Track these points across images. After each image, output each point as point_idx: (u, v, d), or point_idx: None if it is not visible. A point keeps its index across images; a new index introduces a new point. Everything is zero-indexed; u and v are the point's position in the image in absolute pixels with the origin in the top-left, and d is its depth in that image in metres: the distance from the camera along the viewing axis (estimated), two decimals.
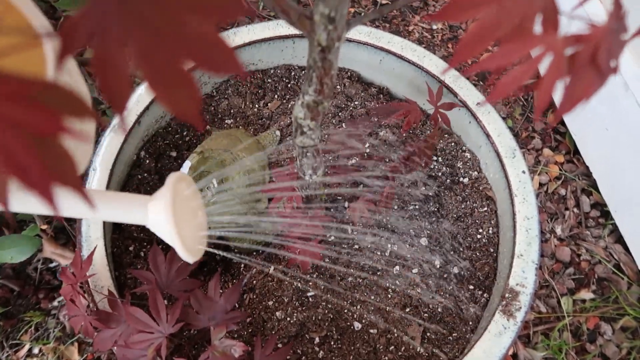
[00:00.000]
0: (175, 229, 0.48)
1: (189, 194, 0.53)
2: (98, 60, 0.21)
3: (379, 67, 1.00)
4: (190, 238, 0.51)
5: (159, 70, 0.20)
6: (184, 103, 0.21)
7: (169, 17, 0.20)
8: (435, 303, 0.83)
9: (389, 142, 0.97)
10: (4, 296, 1.07)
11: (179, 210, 0.49)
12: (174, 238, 0.49)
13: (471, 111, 0.90)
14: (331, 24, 0.46)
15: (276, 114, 1.00)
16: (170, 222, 0.48)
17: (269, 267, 0.85)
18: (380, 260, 0.86)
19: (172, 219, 0.48)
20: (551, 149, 1.32)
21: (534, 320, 1.13)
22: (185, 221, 0.50)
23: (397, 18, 1.48)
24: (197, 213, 0.54)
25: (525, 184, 0.84)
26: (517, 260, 0.77)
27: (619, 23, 0.30)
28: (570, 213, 1.24)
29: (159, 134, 0.96)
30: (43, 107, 0.19)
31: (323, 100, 0.55)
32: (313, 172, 0.71)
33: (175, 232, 0.48)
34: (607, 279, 1.17)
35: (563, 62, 0.29)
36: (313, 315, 0.80)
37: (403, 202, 0.91)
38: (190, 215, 0.52)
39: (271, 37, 0.97)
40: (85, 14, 0.22)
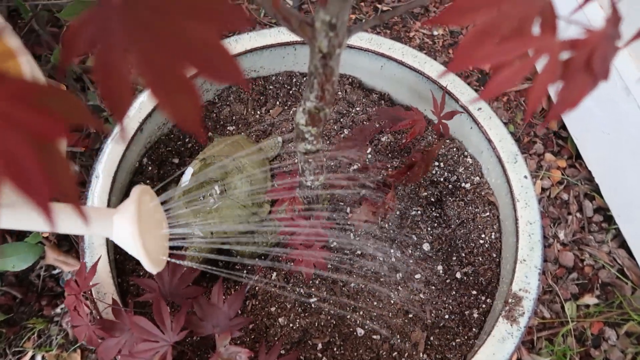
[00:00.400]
0: (140, 242, 0.49)
1: (153, 206, 0.54)
2: (100, 67, 0.22)
3: (380, 74, 1.00)
4: (155, 250, 0.52)
5: (161, 77, 0.20)
6: (186, 111, 0.21)
7: (171, 24, 0.21)
8: (438, 309, 0.83)
9: (391, 148, 0.97)
10: (7, 303, 1.07)
11: (144, 223, 0.50)
12: (139, 250, 0.50)
13: (473, 116, 0.90)
14: (332, 30, 0.46)
15: (278, 121, 1.01)
16: (136, 235, 0.49)
17: (272, 273, 0.85)
18: (383, 266, 0.86)
19: (137, 231, 0.49)
20: (553, 154, 1.32)
21: (537, 326, 1.12)
22: (150, 233, 0.51)
23: (398, 24, 1.48)
24: (160, 225, 0.55)
25: (527, 189, 0.83)
26: (519, 266, 0.77)
27: (614, 29, 0.30)
28: (573, 218, 1.24)
29: (162, 141, 0.96)
30: (47, 112, 0.19)
31: (324, 106, 0.55)
32: (315, 178, 0.71)
33: (140, 245, 0.49)
34: (611, 284, 1.17)
35: (557, 65, 0.29)
36: (316, 322, 0.80)
37: (405, 207, 0.91)
38: (155, 227, 0.54)
39: (272, 44, 0.97)
40: (87, 21, 0.22)
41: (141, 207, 0.51)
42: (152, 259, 0.52)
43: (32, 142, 0.18)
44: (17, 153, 0.18)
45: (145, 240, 0.50)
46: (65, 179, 0.19)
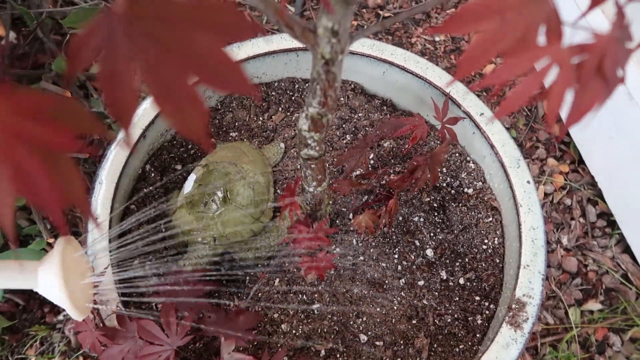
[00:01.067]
0: (66, 292, 0.51)
1: (77, 257, 0.56)
2: (104, 75, 0.22)
3: (383, 79, 1.00)
4: (80, 298, 0.55)
5: (165, 86, 0.20)
6: (191, 120, 0.21)
7: (176, 34, 0.21)
8: (442, 315, 0.83)
9: (393, 153, 0.97)
10: (10, 310, 1.07)
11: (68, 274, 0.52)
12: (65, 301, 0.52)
13: (475, 122, 0.90)
14: (334, 37, 0.46)
15: (280, 127, 1.01)
16: (61, 286, 0.51)
17: (274, 279, 0.84)
18: (386, 272, 0.86)
19: (62, 281, 0.51)
20: (556, 159, 1.32)
21: (541, 332, 1.12)
22: (75, 283, 0.54)
23: (400, 30, 1.49)
24: (85, 274, 0.58)
25: (530, 194, 0.83)
26: (523, 271, 0.77)
27: (623, 32, 0.30)
28: (576, 223, 1.24)
29: (164, 147, 0.97)
30: (55, 123, 0.19)
31: (327, 112, 0.55)
32: (318, 184, 0.71)
33: (65, 296, 0.52)
34: (614, 289, 1.16)
35: (571, 71, 0.29)
36: (319, 328, 0.80)
37: (408, 213, 0.91)
38: (79, 276, 0.56)
39: (275, 50, 0.97)
40: (92, 31, 0.22)
41: (65, 259, 0.53)
42: (77, 307, 0.54)
43: (41, 154, 0.18)
44: (26, 165, 0.18)
45: (71, 289, 0.52)
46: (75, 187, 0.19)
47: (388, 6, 1.53)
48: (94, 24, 0.22)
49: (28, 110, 0.19)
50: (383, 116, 1.02)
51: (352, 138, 0.99)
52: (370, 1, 1.53)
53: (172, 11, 0.22)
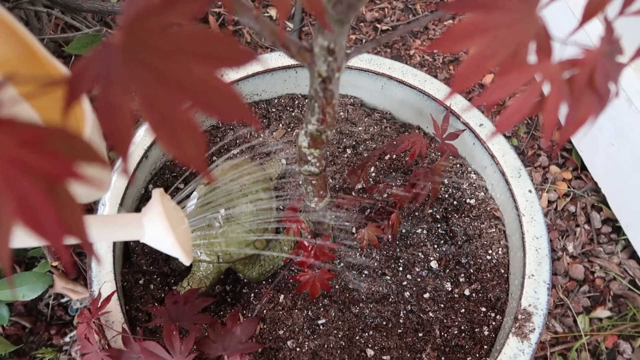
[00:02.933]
0: (174, 235, 0.53)
1: (173, 205, 0.57)
2: (102, 106, 0.22)
3: (381, 93, 1.01)
4: (185, 242, 0.56)
5: (161, 114, 0.21)
6: (187, 147, 0.21)
7: (172, 64, 0.21)
8: (448, 327, 0.82)
9: (394, 166, 0.97)
10: (16, 333, 1.07)
11: (170, 219, 0.54)
12: (174, 243, 0.53)
13: (475, 133, 0.90)
14: (331, 55, 0.47)
15: (281, 143, 1.01)
16: (168, 230, 0.53)
17: (279, 295, 0.84)
18: (391, 285, 0.85)
19: (169, 227, 0.53)
20: (558, 166, 1.32)
21: (550, 341, 1.11)
22: (177, 228, 0.55)
23: (398, 43, 1.50)
24: (183, 220, 0.59)
25: (532, 203, 0.83)
26: (528, 281, 0.77)
27: (612, 46, 0.31)
28: (581, 230, 1.23)
29: (167, 167, 0.97)
30: (57, 154, 0.19)
31: (326, 129, 0.56)
32: (319, 199, 0.71)
33: (174, 238, 0.53)
34: (623, 295, 1.15)
35: (562, 86, 0.29)
36: (325, 344, 0.80)
37: (411, 225, 0.91)
38: (179, 222, 0.57)
39: (274, 67, 0.98)
40: (91, 60, 0.23)
41: (165, 208, 0.54)
42: (185, 250, 0.55)
43: (43, 185, 0.18)
44: (29, 196, 0.18)
45: (176, 234, 0.54)
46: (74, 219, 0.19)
47: (385, 19, 1.54)
48: (93, 55, 0.23)
49: (29, 141, 0.20)
50: (383, 129, 1.02)
51: (353, 152, 0.99)
52: (368, 15, 1.55)
53: (167, 41, 0.22)
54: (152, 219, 0.53)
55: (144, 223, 0.54)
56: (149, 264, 0.87)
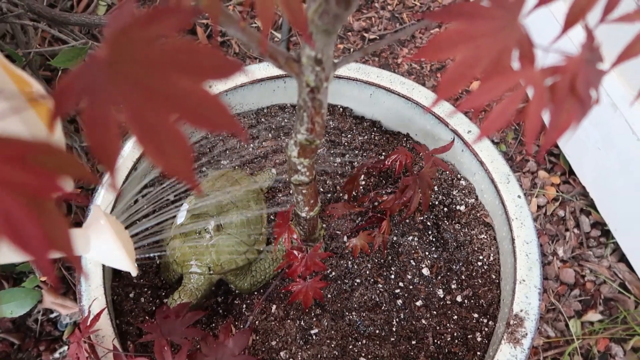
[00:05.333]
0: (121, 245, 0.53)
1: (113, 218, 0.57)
2: (87, 120, 0.22)
3: (370, 101, 1.02)
4: (130, 252, 0.56)
5: (148, 127, 0.21)
6: (174, 160, 0.21)
7: (158, 78, 0.21)
8: (441, 334, 0.82)
9: (384, 175, 0.98)
10: (4, 350, 1.05)
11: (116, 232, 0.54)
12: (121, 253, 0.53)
13: (463, 139, 0.91)
14: (318, 65, 0.47)
15: (271, 153, 1.01)
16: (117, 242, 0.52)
17: (271, 306, 0.84)
18: (383, 293, 0.85)
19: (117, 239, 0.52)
20: (546, 171, 1.33)
21: (543, 345, 1.11)
22: (122, 238, 0.55)
23: (386, 51, 1.51)
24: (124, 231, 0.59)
25: (521, 208, 0.84)
26: (519, 286, 0.77)
27: (593, 54, 0.31)
28: (570, 234, 1.24)
29: (156, 178, 0.97)
30: (38, 169, 0.19)
31: (315, 138, 0.56)
32: (310, 208, 0.71)
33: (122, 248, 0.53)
34: (613, 298, 1.16)
35: (544, 92, 0.30)
36: (318, 354, 0.79)
37: (402, 233, 0.91)
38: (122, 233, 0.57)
39: (262, 78, 0.99)
40: (77, 75, 0.23)
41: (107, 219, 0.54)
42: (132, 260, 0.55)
43: (28, 201, 0.18)
44: (13, 212, 0.18)
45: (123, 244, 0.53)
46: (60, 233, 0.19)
47: (373, 28, 1.56)
48: (79, 69, 0.23)
49: (12, 157, 0.19)
50: (372, 138, 1.03)
51: (342, 161, 0.99)
52: (355, 24, 1.56)
53: (153, 54, 0.22)
54: (98, 231, 0.52)
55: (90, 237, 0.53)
56: (139, 277, 0.86)
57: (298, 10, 0.32)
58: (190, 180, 0.23)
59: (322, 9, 0.40)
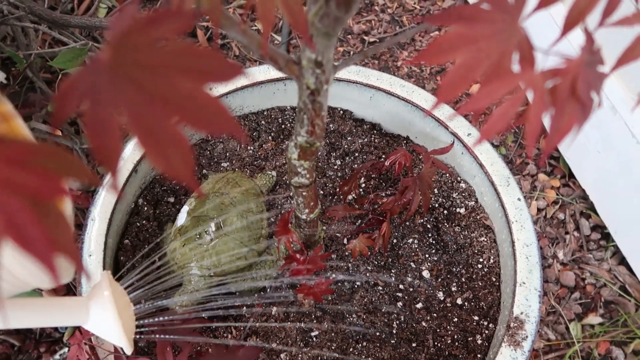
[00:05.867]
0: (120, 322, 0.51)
1: (120, 289, 0.55)
2: (89, 121, 0.22)
3: (370, 104, 1.02)
4: (129, 330, 0.54)
5: (149, 129, 0.21)
6: (175, 162, 0.21)
7: (159, 79, 0.21)
8: (442, 336, 0.82)
9: (384, 177, 0.98)
10: (5, 352, 1.05)
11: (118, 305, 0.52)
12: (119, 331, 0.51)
13: (463, 142, 0.91)
14: (319, 68, 0.47)
15: (271, 155, 1.01)
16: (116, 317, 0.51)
17: (272, 308, 0.84)
18: (384, 296, 0.85)
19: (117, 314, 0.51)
20: (546, 174, 1.33)
21: (543, 348, 1.11)
22: (123, 315, 0.53)
23: (386, 54, 1.51)
24: (129, 305, 0.57)
25: (521, 210, 0.84)
26: (519, 289, 0.77)
27: (593, 56, 0.31)
28: (570, 237, 1.24)
29: (156, 181, 0.97)
30: (42, 171, 0.19)
31: (315, 141, 0.56)
32: (310, 211, 0.71)
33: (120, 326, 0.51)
34: (614, 301, 1.16)
35: (545, 95, 0.30)
36: (318, 356, 0.79)
37: (402, 235, 0.91)
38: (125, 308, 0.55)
39: (262, 80, 0.99)
40: (79, 78, 0.23)
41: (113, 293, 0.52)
42: (128, 338, 0.53)
43: (32, 203, 0.18)
44: (17, 214, 0.18)
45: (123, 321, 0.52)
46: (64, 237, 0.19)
47: (373, 31, 1.56)
48: (81, 72, 0.23)
49: (15, 160, 0.20)
50: (372, 140, 1.03)
51: (342, 163, 1.00)
52: (355, 27, 1.56)
53: (154, 57, 0.23)
54: (99, 304, 0.51)
55: (91, 308, 0.51)
56: (140, 280, 0.86)
57: (299, 12, 0.32)
58: (191, 182, 0.23)
59: (322, 11, 0.40)
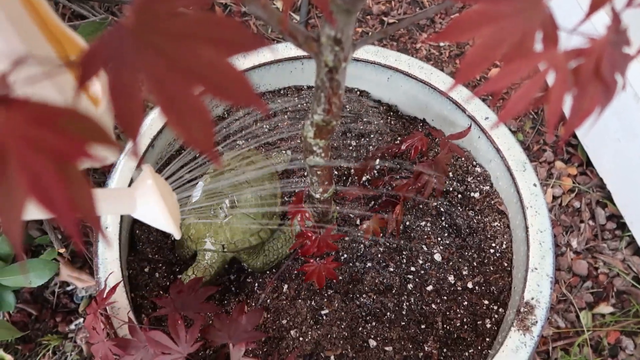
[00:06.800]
0: (167, 209, 0.53)
1: (162, 180, 0.58)
2: (112, 87, 0.22)
3: (387, 85, 1.01)
4: (175, 216, 0.56)
5: (172, 97, 0.21)
6: (196, 131, 0.22)
7: (182, 47, 0.21)
8: (451, 319, 0.83)
9: (399, 158, 0.98)
10: (22, 320, 1.08)
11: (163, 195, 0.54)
12: (166, 217, 0.54)
13: (480, 126, 0.90)
14: (337, 45, 0.47)
15: (287, 134, 1.02)
16: (161, 203, 0.53)
17: (283, 285, 0.85)
18: (394, 277, 0.86)
19: (162, 200, 0.53)
20: (563, 162, 1.31)
21: (552, 336, 1.11)
22: (168, 202, 0.55)
23: (405, 36, 1.49)
24: (172, 194, 0.59)
25: (537, 196, 0.83)
26: (531, 274, 0.77)
27: (619, 36, 0.31)
28: (585, 226, 1.23)
29: (173, 157, 0.98)
30: (68, 134, 0.20)
31: (332, 119, 0.56)
32: (324, 190, 0.72)
33: (167, 212, 0.53)
34: (626, 292, 1.15)
35: (567, 75, 0.30)
36: (328, 334, 0.80)
37: (415, 218, 0.91)
38: (169, 196, 0.57)
39: (280, 59, 0.99)
40: (102, 43, 0.23)
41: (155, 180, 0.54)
42: (176, 224, 0.56)
43: (55, 164, 0.19)
44: (41, 174, 0.19)
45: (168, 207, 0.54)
46: (85, 199, 0.20)
47: (392, 12, 1.54)
48: (104, 36, 0.23)
49: (42, 120, 0.20)
50: (388, 122, 1.02)
51: (357, 144, 0.99)
52: (375, 8, 1.54)
53: (178, 25, 0.23)
54: (144, 192, 0.54)
55: (137, 197, 0.54)
56: (155, 252, 0.88)
57: None
58: (211, 152, 0.24)
59: None
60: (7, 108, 0.19)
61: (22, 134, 0.19)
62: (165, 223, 0.54)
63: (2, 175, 0.18)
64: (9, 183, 0.19)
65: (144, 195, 0.54)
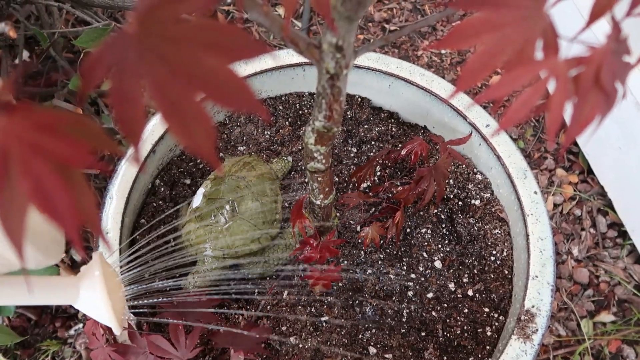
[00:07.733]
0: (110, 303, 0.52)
1: (111, 270, 0.56)
2: (115, 93, 0.23)
3: (388, 92, 1.01)
4: (118, 310, 0.55)
5: (173, 104, 0.21)
6: (197, 137, 0.22)
7: (184, 54, 0.22)
8: (451, 326, 0.82)
9: (399, 165, 0.98)
10: (22, 325, 1.08)
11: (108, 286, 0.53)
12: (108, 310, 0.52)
13: (481, 133, 0.90)
14: (339, 52, 0.47)
15: (288, 140, 1.02)
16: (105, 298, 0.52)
17: (283, 292, 0.85)
18: (394, 284, 0.86)
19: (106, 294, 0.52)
20: (564, 169, 1.31)
21: (553, 344, 1.11)
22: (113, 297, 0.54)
23: (406, 43, 1.50)
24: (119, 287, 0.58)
25: (537, 204, 0.83)
26: (532, 282, 0.77)
27: (619, 45, 0.31)
28: (586, 234, 1.23)
29: (174, 162, 0.98)
30: (71, 139, 0.20)
31: (333, 126, 0.56)
32: (325, 196, 0.72)
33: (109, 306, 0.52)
34: (627, 300, 1.15)
35: (568, 83, 0.30)
36: (327, 341, 0.80)
37: (415, 225, 0.91)
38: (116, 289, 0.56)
39: (282, 65, 0.99)
40: (104, 49, 0.23)
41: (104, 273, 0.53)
42: (118, 319, 0.55)
43: (58, 169, 0.19)
44: (44, 179, 0.19)
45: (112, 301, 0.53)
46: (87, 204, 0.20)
47: (394, 20, 1.55)
48: (107, 43, 0.23)
49: (45, 126, 0.20)
50: (389, 129, 1.03)
51: (358, 151, 0.99)
52: (376, 15, 1.55)
53: (180, 32, 0.23)
54: (90, 284, 0.52)
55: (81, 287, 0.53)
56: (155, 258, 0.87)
57: None
58: (212, 158, 0.24)
59: None
60: (10, 114, 0.19)
61: (25, 140, 0.19)
62: (107, 317, 0.53)
63: (5, 181, 0.18)
64: (12, 189, 0.19)
65: (89, 287, 0.52)
